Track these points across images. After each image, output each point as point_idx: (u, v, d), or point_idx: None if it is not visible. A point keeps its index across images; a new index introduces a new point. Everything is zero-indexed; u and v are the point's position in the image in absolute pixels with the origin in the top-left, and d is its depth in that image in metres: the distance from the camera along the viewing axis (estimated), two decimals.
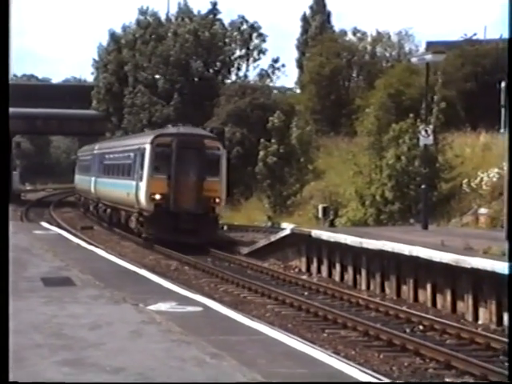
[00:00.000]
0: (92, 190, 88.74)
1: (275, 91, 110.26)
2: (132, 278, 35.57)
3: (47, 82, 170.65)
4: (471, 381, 11.99)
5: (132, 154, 70.86)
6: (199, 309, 27.35)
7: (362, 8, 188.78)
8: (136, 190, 64.81)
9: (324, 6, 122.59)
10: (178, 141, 61.52)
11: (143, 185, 62.62)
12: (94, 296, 28.47)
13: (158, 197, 59.56)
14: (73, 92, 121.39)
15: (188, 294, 30.81)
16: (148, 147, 63.63)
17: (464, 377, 26.13)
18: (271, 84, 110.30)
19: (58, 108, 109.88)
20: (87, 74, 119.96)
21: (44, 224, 71.82)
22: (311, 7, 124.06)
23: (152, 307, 26.55)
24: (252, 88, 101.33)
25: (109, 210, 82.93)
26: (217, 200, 58.17)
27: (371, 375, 20.87)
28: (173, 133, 65.17)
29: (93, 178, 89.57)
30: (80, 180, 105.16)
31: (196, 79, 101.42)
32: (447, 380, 20.94)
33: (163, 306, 26.85)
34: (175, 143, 61.32)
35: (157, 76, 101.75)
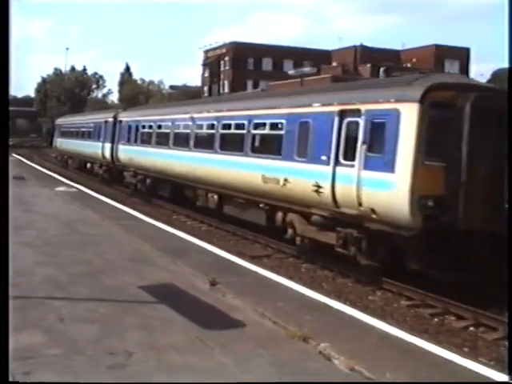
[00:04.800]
0: (106, 155, 36.42)
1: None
2: (49, 177, 36.85)
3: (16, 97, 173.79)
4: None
5: (283, 123, 17.90)
6: (76, 190, 29.11)
7: (149, 67, 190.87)
8: (357, 185, 14.24)
9: (129, 69, 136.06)
10: (475, 99, 13.12)
11: (401, 180, 13.27)
12: (33, 184, 30.06)
13: (430, 203, 13.24)
14: (27, 101, 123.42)
15: (72, 184, 31.95)
16: (411, 109, 13.38)
17: None
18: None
19: (21, 107, 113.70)
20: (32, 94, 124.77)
21: (14, 154, 61.85)
22: (125, 69, 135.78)
23: (56, 189, 28.31)
24: (100, 101, 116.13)
25: (149, 181, 30.28)
26: None
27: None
28: (459, 83, 14.52)
29: (107, 145, 36.51)
30: (67, 143, 51.67)
31: (76, 96, 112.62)
32: None
33: (61, 189, 28.64)
34: (471, 103, 13.05)
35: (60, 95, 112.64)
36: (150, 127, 29.57)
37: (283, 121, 17.82)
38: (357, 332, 9.31)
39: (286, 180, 17.01)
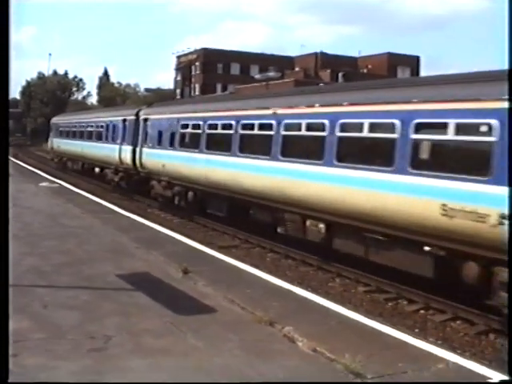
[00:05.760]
0: (124, 160, 28.45)
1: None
2: (34, 174, 35.67)
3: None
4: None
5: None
6: (58, 185, 28.61)
7: (126, 71, 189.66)
8: None
9: (107, 73, 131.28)
10: None
11: None
12: (20, 180, 28.45)
13: None
14: (13, 102, 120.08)
15: (54, 179, 31.27)
16: None
17: None
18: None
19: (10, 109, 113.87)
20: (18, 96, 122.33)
21: None
22: (103, 73, 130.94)
23: (40, 184, 27.88)
24: (80, 103, 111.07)
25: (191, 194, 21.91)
26: None
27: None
28: None
29: (126, 148, 28.17)
30: (67, 144, 41.93)
31: (58, 98, 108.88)
32: None
33: (44, 184, 28.19)
34: None
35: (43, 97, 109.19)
36: (198, 127, 21.11)
37: (494, 121, 10.26)
38: (318, 316, 9.29)
39: (503, 217, 9.86)
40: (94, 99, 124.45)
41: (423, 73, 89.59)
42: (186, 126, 22.23)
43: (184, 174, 21.87)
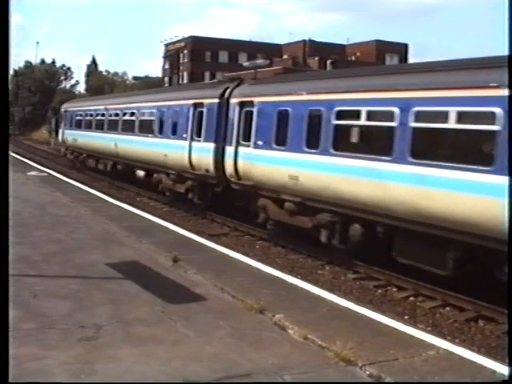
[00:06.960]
0: (199, 164, 19.34)
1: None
2: (22, 163, 35.07)
3: None
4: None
5: None
6: (47, 174, 28.46)
7: (114, 59, 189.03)
8: None
9: (95, 61, 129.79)
10: None
11: None
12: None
13: None
14: None
15: (43, 168, 31.24)
16: None
17: None
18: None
19: None
20: None
21: None
22: (91, 61, 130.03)
23: (28, 174, 27.65)
24: (68, 91, 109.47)
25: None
26: None
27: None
28: None
29: (204, 145, 19.08)
30: (88, 138, 32.47)
31: (46, 87, 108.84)
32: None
33: (33, 173, 27.99)
34: None
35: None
36: (387, 116, 12.15)
37: None
38: (309, 304, 9.28)
39: None
40: (81, 88, 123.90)
41: (411, 60, 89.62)
42: (349, 115, 13.47)
43: (344, 196, 13.31)
